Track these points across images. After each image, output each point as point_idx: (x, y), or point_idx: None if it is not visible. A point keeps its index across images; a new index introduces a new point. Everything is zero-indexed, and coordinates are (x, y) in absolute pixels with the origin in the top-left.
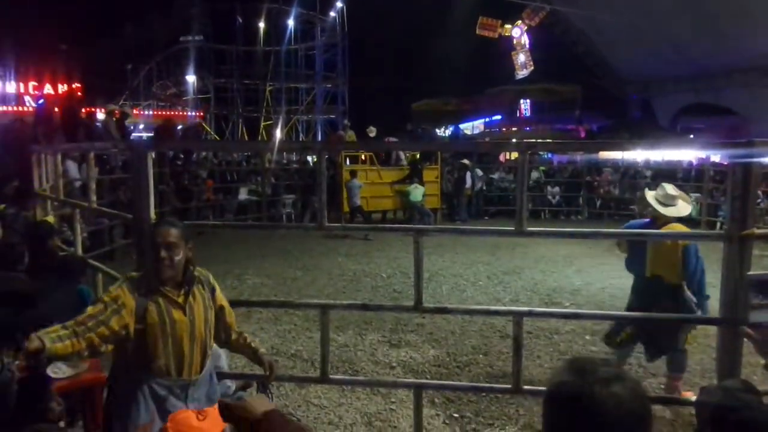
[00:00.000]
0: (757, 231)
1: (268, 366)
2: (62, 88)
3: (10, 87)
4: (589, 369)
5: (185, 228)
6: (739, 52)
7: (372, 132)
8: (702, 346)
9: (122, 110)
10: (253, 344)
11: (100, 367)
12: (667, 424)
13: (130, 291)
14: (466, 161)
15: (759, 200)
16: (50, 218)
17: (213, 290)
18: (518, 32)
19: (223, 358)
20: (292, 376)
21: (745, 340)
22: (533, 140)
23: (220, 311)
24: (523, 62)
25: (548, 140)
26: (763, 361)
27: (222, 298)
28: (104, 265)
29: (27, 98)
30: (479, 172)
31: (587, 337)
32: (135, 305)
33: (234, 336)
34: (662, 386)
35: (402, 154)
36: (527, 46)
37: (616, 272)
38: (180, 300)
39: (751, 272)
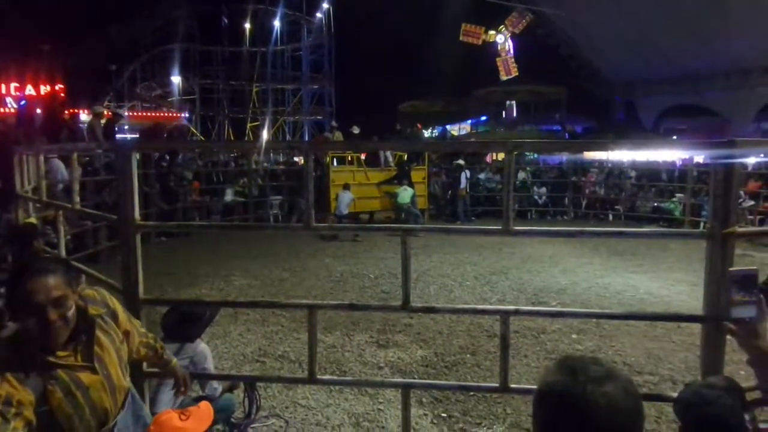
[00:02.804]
0: (738, 229)
1: (181, 380)
2: (44, 89)
3: None
4: (581, 368)
5: (66, 268)
6: (721, 55)
7: (355, 130)
8: (686, 344)
9: (114, 111)
10: (165, 356)
11: None
12: (651, 421)
13: (19, 381)
14: (461, 161)
15: (740, 200)
16: (32, 220)
17: (115, 316)
18: (502, 39)
19: (209, 360)
20: (280, 377)
21: (728, 336)
22: (519, 140)
23: (125, 337)
24: (507, 68)
25: (535, 140)
26: (745, 357)
27: (126, 321)
28: (88, 268)
29: (8, 99)
30: (467, 173)
31: (573, 336)
32: (33, 397)
33: (143, 352)
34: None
35: (390, 156)
36: (511, 52)
37: (601, 272)
38: (81, 360)
39: (732, 268)
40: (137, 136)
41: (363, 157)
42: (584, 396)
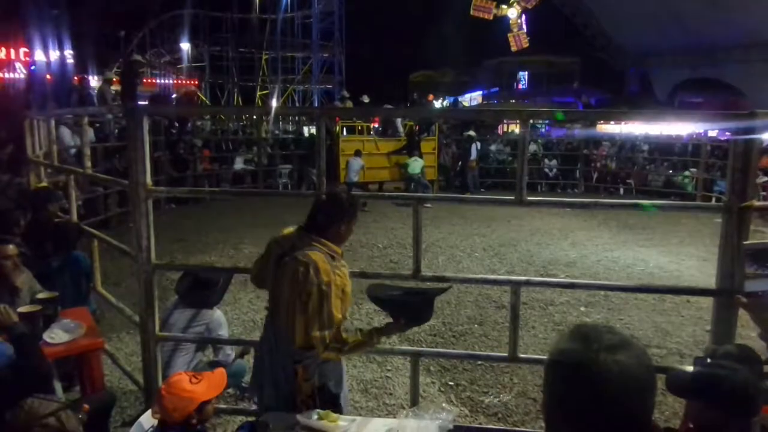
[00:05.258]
0: (756, 203)
1: None
2: (54, 54)
3: (0, 53)
4: (594, 336)
5: None
6: (739, 28)
7: (365, 99)
8: (694, 318)
9: (135, 59)
10: None
11: (97, 332)
12: (657, 393)
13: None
14: (472, 132)
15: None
16: (44, 184)
17: None
18: (514, 13)
19: (224, 327)
20: None
21: (740, 310)
22: (535, 109)
23: None
24: (518, 42)
25: (551, 109)
26: (756, 331)
27: None
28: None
29: (18, 65)
30: (478, 145)
31: (582, 309)
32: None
33: None
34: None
35: (400, 126)
36: (524, 27)
37: (611, 245)
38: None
39: (747, 242)
40: (146, 102)
41: (374, 126)
42: (597, 364)
